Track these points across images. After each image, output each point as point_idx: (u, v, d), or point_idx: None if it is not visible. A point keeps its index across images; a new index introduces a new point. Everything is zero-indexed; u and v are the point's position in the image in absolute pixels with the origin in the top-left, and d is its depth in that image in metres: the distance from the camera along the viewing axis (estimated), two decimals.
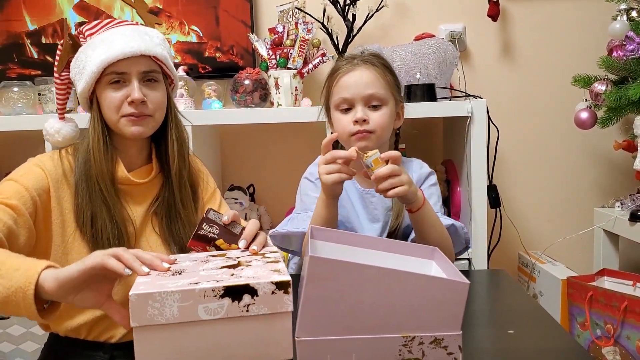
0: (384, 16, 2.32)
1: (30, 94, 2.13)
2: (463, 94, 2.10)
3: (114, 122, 1.31)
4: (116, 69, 1.28)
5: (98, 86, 1.31)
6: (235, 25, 2.33)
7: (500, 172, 2.38)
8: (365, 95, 1.38)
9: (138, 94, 1.28)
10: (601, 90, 1.98)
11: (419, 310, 0.86)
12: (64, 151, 1.36)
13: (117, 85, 1.29)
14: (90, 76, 1.28)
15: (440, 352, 0.87)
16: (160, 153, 1.41)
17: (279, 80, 2.06)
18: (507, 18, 2.37)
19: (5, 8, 2.33)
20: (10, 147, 2.42)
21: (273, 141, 2.44)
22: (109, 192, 1.31)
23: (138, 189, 1.38)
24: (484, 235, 1.96)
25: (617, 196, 2.25)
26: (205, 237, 1.13)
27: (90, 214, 1.29)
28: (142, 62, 1.30)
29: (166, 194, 1.38)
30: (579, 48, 2.36)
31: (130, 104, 1.29)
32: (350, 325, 0.86)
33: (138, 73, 1.30)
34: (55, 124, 1.43)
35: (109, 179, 1.31)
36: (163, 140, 1.40)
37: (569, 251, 2.37)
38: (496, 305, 1.27)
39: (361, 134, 1.38)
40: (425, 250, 1.08)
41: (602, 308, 1.80)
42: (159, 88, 1.34)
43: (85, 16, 2.30)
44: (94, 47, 1.30)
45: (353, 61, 1.42)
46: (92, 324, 1.34)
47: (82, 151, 1.34)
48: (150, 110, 1.32)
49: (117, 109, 1.30)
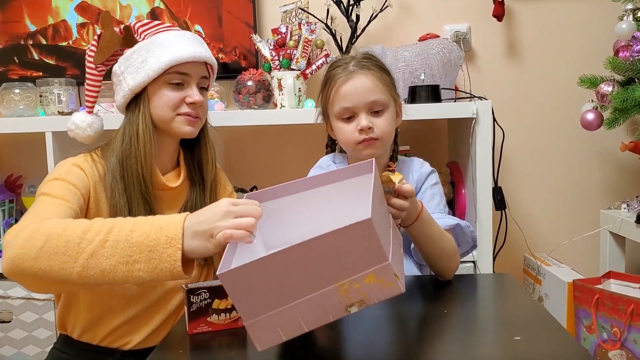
0: (388, 16, 2.30)
1: (32, 96, 2.12)
2: (468, 95, 2.09)
3: (167, 120, 1.33)
4: (180, 70, 1.32)
5: (152, 84, 1.33)
6: (238, 25, 2.31)
7: (506, 173, 2.37)
8: (368, 102, 1.37)
9: (199, 97, 1.34)
10: (607, 91, 1.96)
11: (340, 261, 0.88)
12: (94, 154, 1.36)
13: (176, 85, 1.33)
14: (154, 71, 1.30)
15: (379, 286, 0.89)
16: (187, 158, 1.43)
17: (282, 82, 2.04)
18: (512, 18, 2.36)
19: (6, 9, 2.32)
20: (12, 148, 2.42)
21: (276, 143, 2.43)
22: (149, 193, 1.32)
23: (169, 193, 1.39)
24: (489, 237, 1.94)
25: (623, 198, 2.23)
26: (201, 310, 1.09)
27: (128, 214, 1.28)
28: (202, 68, 1.37)
29: (196, 199, 1.40)
30: (585, 48, 2.35)
31: (190, 104, 1.33)
32: (287, 296, 0.89)
33: (198, 77, 1.36)
34: (87, 118, 1.44)
35: (149, 180, 1.32)
36: (197, 145, 1.43)
37: (575, 253, 2.35)
38: (502, 310, 1.25)
39: (367, 142, 1.37)
40: (363, 166, 1.12)
41: (609, 311, 1.78)
42: (206, 94, 1.41)
43: (86, 17, 2.30)
44: (159, 45, 1.32)
45: (348, 67, 1.40)
46: (112, 330, 1.35)
47: (117, 150, 1.33)
48: (202, 113, 1.37)
49: (174, 107, 1.33)
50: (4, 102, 2.11)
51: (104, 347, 1.35)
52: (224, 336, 1.08)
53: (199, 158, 1.43)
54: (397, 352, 1.03)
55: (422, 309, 1.27)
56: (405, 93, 2.02)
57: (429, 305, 1.29)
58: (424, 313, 1.24)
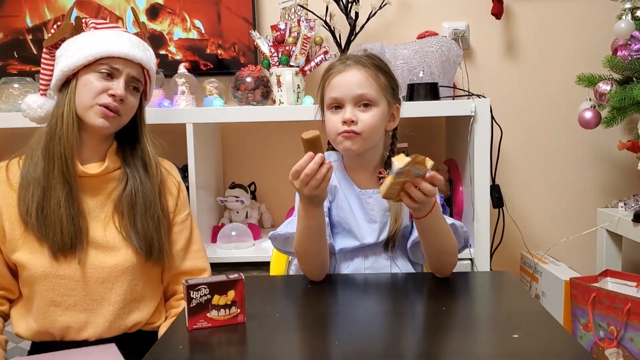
0: (386, 14, 2.31)
1: (31, 90, 2.12)
2: (466, 93, 2.09)
3: (86, 108, 1.38)
4: (112, 63, 1.39)
5: (83, 70, 1.39)
6: (237, 22, 2.31)
7: (503, 171, 2.38)
8: (355, 95, 1.37)
9: (121, 91, 1.39)
10: (606, 90, 1.97)
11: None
12: (14, 160, 1.44)
13: (104, 76, 1.39)
14: (85, 57, 1.37)
15: None
16: (125, 152, 1.48)
17: (281, 78, 2.04)
18: (511, 16, 2.36)
19: (5, 4, 2.32)
20: (11, 143, 2.41)
21: (274, 139, 2.43)
22: (70, 173, 1.37)
23: (91, 181, 1.42)
24: (486, 235, 1.95)
25: (620, 196, 2.23)
26: (200, 305, 1.10)
27: (38, 199, 1.35)
28: (135, 68, 1.43)
29: (130, 190, 1.44)
30: (583, 47, 2.35)
31: (111, 96, 1.38)
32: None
33: (128, 75, 1.42)
34: (38, 99, 1.51)
35: (72, 161, 1.37)
36: (138, 142, 1.49)
37: (572, 251, 2.36)
38: (500, 308, 1.26)
39: (347, 133, 1.37)
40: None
41: (606, 309, 1.79)
42: (136, 96, 1.46)
43: (86, 12, 2.29)
44: (98, 37, 1.41)
45: (346, 62, 1.41)
46: (67, 325, 1.39)
47: (45, 127, 1.40)
48: (123, 111, 1.41)
49: (95, 95, 1.38)
50: (2, 96, 2.11)
51: (69, 342, 1.40)
52: (223, 332, 1.09)
53: (139, 153, 1.48)
54: (395, 348, 1.03)
55: (421, 306, 1.28)
56: (404, 90, 2.02)
57: (427, 302, 1.30)
58: (423, 310, 1.25)
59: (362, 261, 1.44)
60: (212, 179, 2.26)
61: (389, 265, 1.45)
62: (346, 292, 1.34)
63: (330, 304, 1.27)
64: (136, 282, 1.43)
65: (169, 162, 1.61)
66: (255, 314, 1.14)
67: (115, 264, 1.40)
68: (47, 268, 1.35)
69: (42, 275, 1.35)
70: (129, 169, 1.45)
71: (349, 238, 1.44)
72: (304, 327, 1.16)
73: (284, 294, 1.37)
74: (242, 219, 2.29)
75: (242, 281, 1.11)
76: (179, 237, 1.52)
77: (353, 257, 1.45)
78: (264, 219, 2.40)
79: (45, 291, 1.36)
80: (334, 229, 1.45)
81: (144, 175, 1.46)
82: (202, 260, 1.56)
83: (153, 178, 1.47)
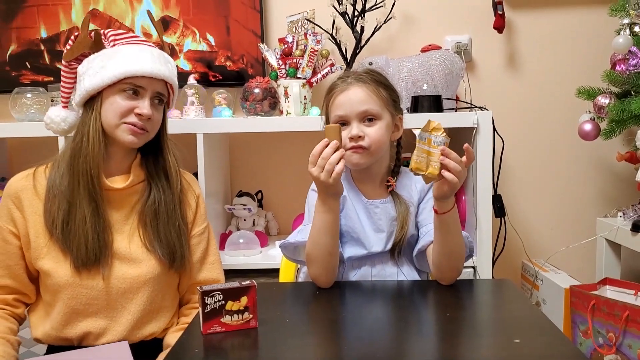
0: (391, 28, 2.35)
1: (43, 100, 2.17)
2: (469, 105, 2.13)
3: (112, 126, 1.39)
4: (136, 82, 1.38)
5: (108, 89, 1.38)
6: (246, 34, 2.36)
7: (505, 182, 2.41)
8: (359, 111, 1.42)
9: (148, 110, 1.39)
10: (604, 103, 2.00)
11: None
12: (41, 168, 1.45)
13: (130, 95, 1.38)
14: (109, 78, 1.36)
15: None
16: (149, 164, 1.49)
17: (288, 89, 2.09)
18: (512, 30, 2.41)
19: (19, 15, 2.36)
20: (24, 152, 2.45)
21: (281, 149, 2.47)
22: (95, 190, 1.38)
23: (116, 194, 1.44)
24: (488, 243, 1.99)
25: (619, 206, 2.26)
26: (215, 311, 1.13)
27: (64, 213, 1.36)
28: (159, 85, 1.42)
29: (152, 199, 1.45)
30: (583, 61, 2.40)
31: (138, 116, 1.38)
32: None
33: (153, 92, 1.41)
34: (61, 112, 1.51)
35: (97, 178, 1.38)
36: (160, 153, 1.49)
37: (572, 260, 2.39)
38: (501, 314, 1.29)
39: (354, 149, 1.42)
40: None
41: (605, 317, 1.82)
42: (160, 110, 1.46)
43: (97, 24, 2.34)
44: (122, 54, 1.39)
45: (347, 80, 1.46)
46: (87, 331, 1.41)
47: (69, 144, 1.41)
48: (149, 127, 1.42)
49: (122, 115, 1.38)
50: (16, 106, 2.15)
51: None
52: (236, 336, 1.12)
53: (163, 165, 1.49)
54: (402, 353, 1.07)
55: (426, 312, 1.31)
56: (408, 103, 2.06)
57: (432, 308, 1.33)
58: (428, 316, 1.28)
59: (369, 269, 1.48)
60: (220, 187, 2.30)
61: (395, 273, 1.48)
62: (354, 299, 1.37)
63: (339, 310, 1.31)
64: (156, 293, 1.44)
65: (190, 174, 1.61)
66: (266, 319, 1.18)
67: (138, 275, 1.41)
68: (71, 278, 1.36)
69: (66, 284, 1.36)
70: (152, 180, 1.46)
71: (357, 247, 1.48)
72: (313, 332, 1.19)
73: (294, 300, 1.40)
74: (249, 226, 2.32)
75: (254, 288, 1.15)
76: (195, 249, 1.52)
77: (360, 265, 1.49)
78: (271, 227, 2.44)
79: (68, 299, 1.37)
80: (342, 238, 1.48)
81: (165, 184, 1.47)
82: (217, 272, 1.57)
83: (174, 187, 1.48)
